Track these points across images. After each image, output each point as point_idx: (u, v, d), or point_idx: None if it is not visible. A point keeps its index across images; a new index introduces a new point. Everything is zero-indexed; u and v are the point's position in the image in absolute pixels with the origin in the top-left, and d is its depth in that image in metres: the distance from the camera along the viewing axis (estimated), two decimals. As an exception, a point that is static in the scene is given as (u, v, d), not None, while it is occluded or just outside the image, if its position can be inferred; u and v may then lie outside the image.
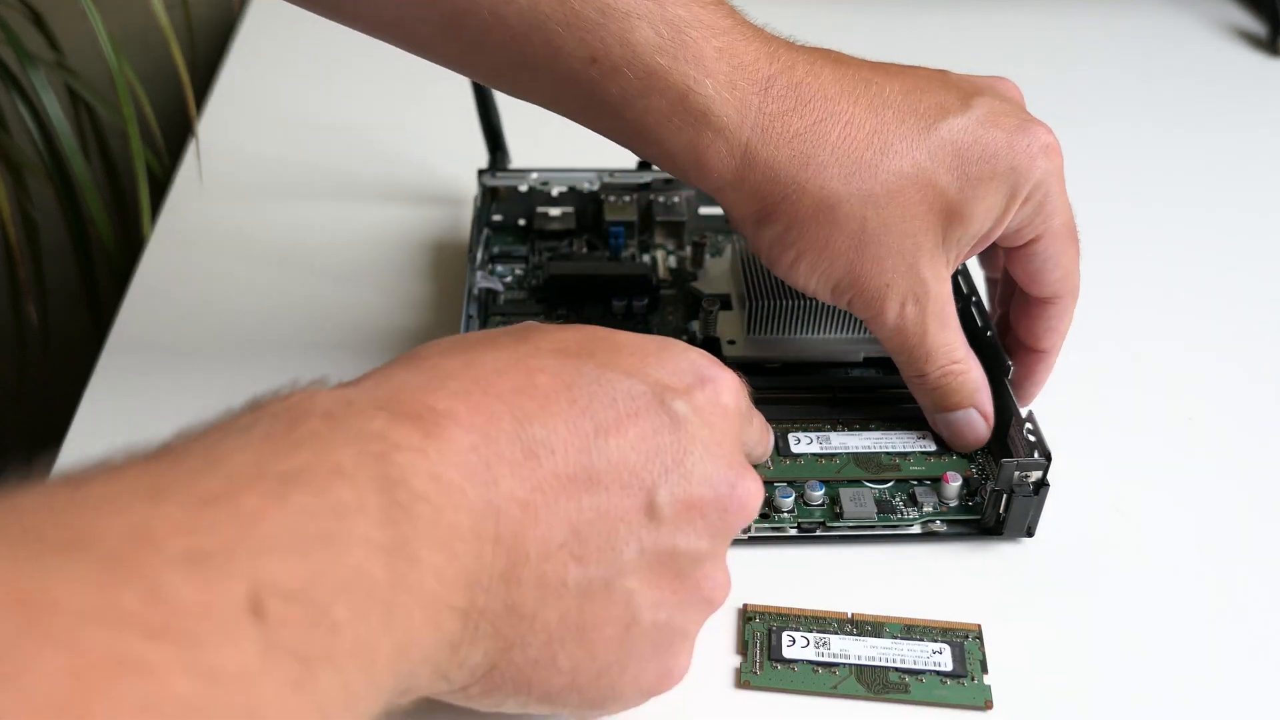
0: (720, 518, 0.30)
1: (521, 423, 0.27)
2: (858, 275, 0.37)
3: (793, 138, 0.36)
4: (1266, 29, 0.73)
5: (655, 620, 0.30)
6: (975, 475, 0.41)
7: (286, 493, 0.21)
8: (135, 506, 0.19)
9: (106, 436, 0.43)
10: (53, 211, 0.69)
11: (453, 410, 0.26)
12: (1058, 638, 0.37)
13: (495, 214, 0.51)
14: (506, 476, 0.27)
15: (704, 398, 0.31)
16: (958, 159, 0.37)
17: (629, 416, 0.29)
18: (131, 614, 0.17)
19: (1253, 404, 0.47)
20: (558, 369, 0.29)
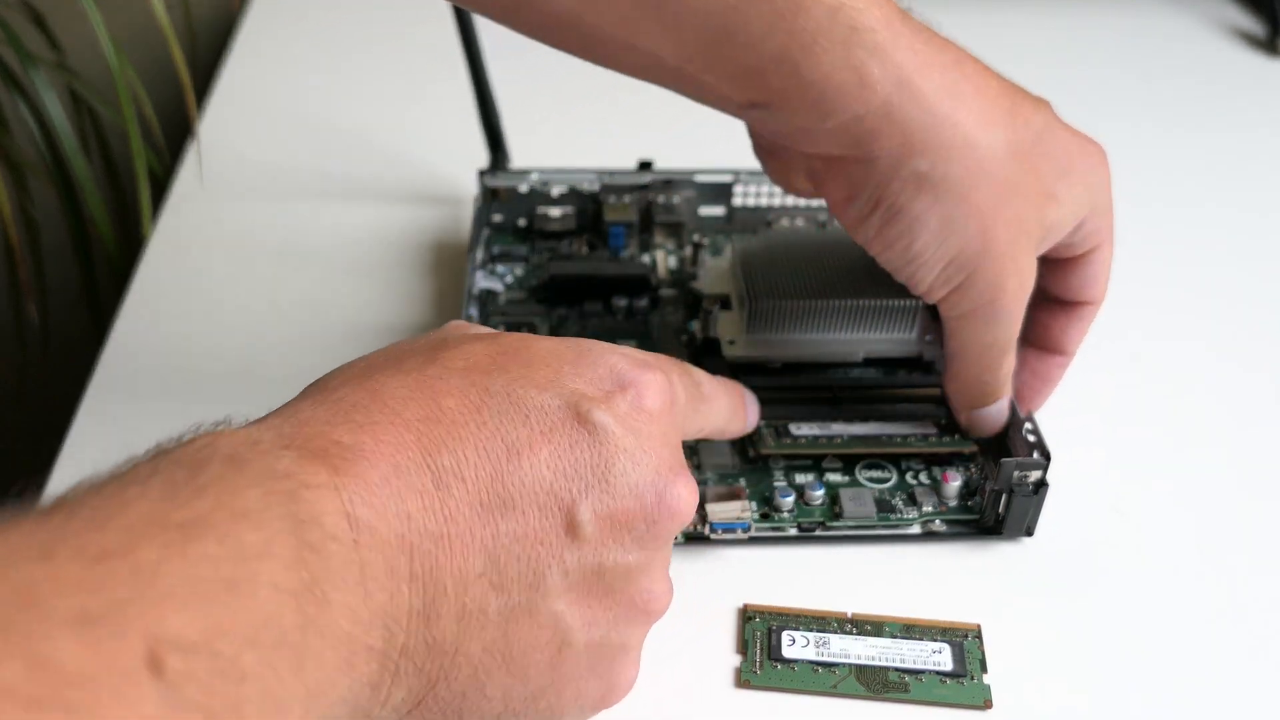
0: (649, 529, 0.29)
1: (429, 452, 0.27)
2: (988, 236, 0.35)
3: (943, 67, 0.34)
4: (1266, 29, 0.73)
5: (589, 640, 0.29)
6: (975, 475, 0.41)
7: (187, 541, 0.21)
8: (22, 566, 0.18)
9: (107, 437, 0.43)
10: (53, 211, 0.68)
11: (359, 444, 0.26)
12: (1057, 638, 0.37)
13: (495, 214, 0.51)
14: (418, 510, 0.26)
15: (625, 403, 0.29)
16: (1050, 145, 0.36)
17: (542, 434, 0.28)
18: (12, 688, 0.16)
19: (1253, 404, 0.47)
20: (465, 389, 0.28)
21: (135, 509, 0.21)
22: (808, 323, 0.44)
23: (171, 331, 0.48)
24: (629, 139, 0.51)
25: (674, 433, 0.31)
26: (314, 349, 0.47)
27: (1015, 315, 0.37)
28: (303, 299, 0.50)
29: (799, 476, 0.41)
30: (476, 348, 0.29)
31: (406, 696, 0.27)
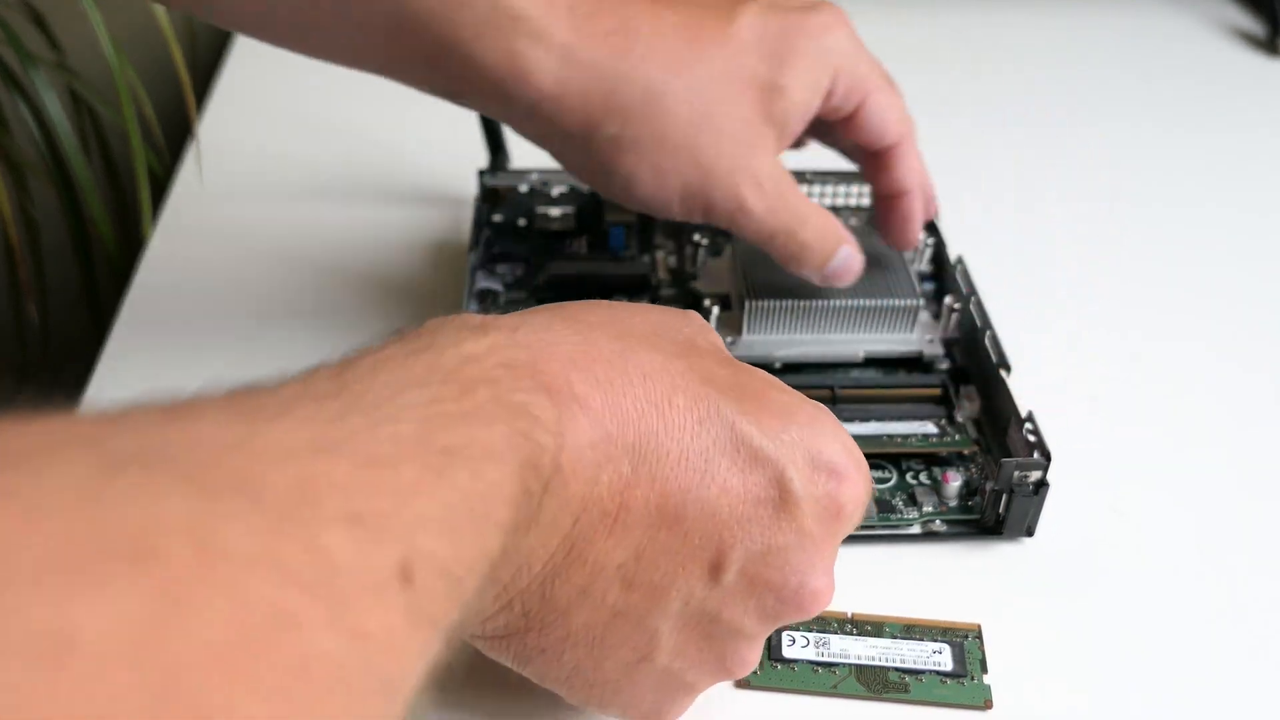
0: (776, 607, 0.30)
1: (643, 439, 0.27)
2: (703, 167, 0.37)
3: (607, 35, 0.36)
4: (1266, 29, 0.73)
5: (669, 666, 0.30)
6: (975, 475, 0.41)
7: (444, 469, 0.22)
8: (304, 459, 0.19)
9: (107, 436, 0.43)
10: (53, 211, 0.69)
11: (589, 399, 0.26)
12: (1058, 638, 0.37)
13: (495, 214, 0.51)
14: (606, 484, 0.27)
15: (824, 491, 0.29)
16: (761, 39, 0.38)
17: (740, 474, 0.28)
18: (291, 566, 0.17)
19: (1253, 404, 0.47)
20: (698, 399, 0.28)
21: (406, 422, 0.22)
22: (807, 323, 0.44)
23: (172, 332, 0.48)
24: (629, 139, 0.51)
25: (840, 538, 0.31)
26: (314, 348, 0.47)
27: (773, 208, 0.39)
28: (302, 299, 0.50)
29: (799, 476, 0.41)
30: (722, 372, 0.29)
31: (502, 628, 0.28)
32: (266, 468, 0.18)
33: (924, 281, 0.48)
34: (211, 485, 0.17)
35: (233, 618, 0.16)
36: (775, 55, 0.38)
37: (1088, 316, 0.51)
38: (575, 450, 0.26)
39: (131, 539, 0.15)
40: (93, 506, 0.15)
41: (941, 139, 0.63)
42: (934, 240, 0.49)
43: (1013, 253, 0.55)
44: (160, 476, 0.17)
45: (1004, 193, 0.59)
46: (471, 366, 0.24)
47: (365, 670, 0.18)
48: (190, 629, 0.15)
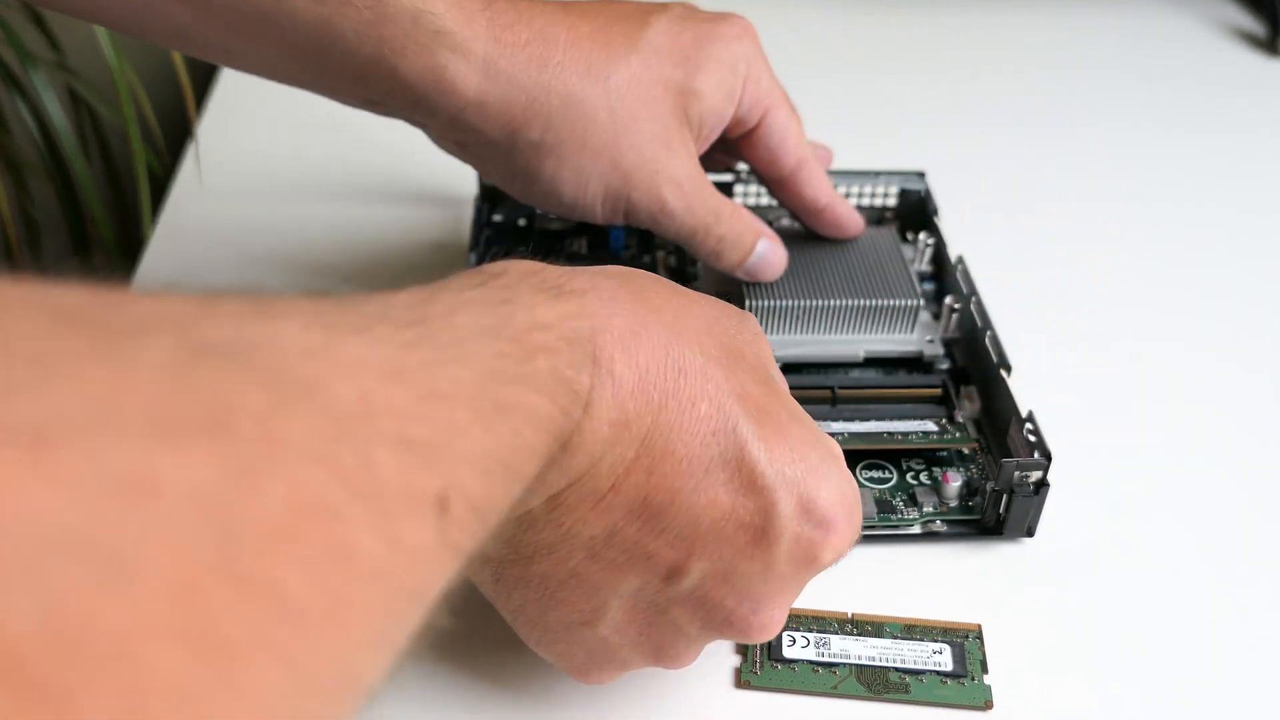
0: (723, 626, 0.30)
1: (656, 431, 0.28)
2: (624, 169, 0.39)
3: (525, 44, 0.37)
4: (1266, 29, 0.73)
5: (607, 638, 0.31)
6: (975, 475, 0.41)
7: (494, 421, 0.23)
8: (372, 378, 0.20)
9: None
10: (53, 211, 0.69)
11: (624, 379, 0.27)
12: (1058, 638, 0.37)
13: (495, 214, 0.51)
14: (607, 464, 0.28)
15: (808, 535, 0.30)
16: (674, 45, 0.40)
17: (730, 496, 0.29)
18: (344, 469, 0.18)
19: (1252, 404, 0.47)
20: (719, 410, 0.29)
21: (470, 368, 0.23)
22: (807, 323, 0.44)
23: (171, 331, 0.48)
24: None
25: (807, 582, 0.31)
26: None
27: (691, 207, 0.40)
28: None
29: (799, 476, 0.41)
30: (756, 391, 0.30)
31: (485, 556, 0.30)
32: (337, 378, 0.19)
33: (924, 281, 0.48)
34: (285, 384, 0.18)
35: (289, 498, 0.17)
36: (689, 60, 0.40)
37: (1088, 316, 0.51)
38: (594, 427, 0.27)
39: (210, 414, 0.16)
40: (179, 381, 0.17)
41: (942, 139, 0.63)
42: (934, 240, 0.49)
43: (1013, 253, 0.55)
44: (240, 369, 0.18)
45: (1004, 193, 0.59)
46: (539, 333, 0.26)
47: (398, 574, 0.19)
48: (252, 498, 0.16)
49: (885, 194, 0.51)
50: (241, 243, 0.54)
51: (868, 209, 0.52)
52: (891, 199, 0.52)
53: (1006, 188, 0.60)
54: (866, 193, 0.52)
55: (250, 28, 0.36)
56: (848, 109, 0.65)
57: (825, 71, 0.68)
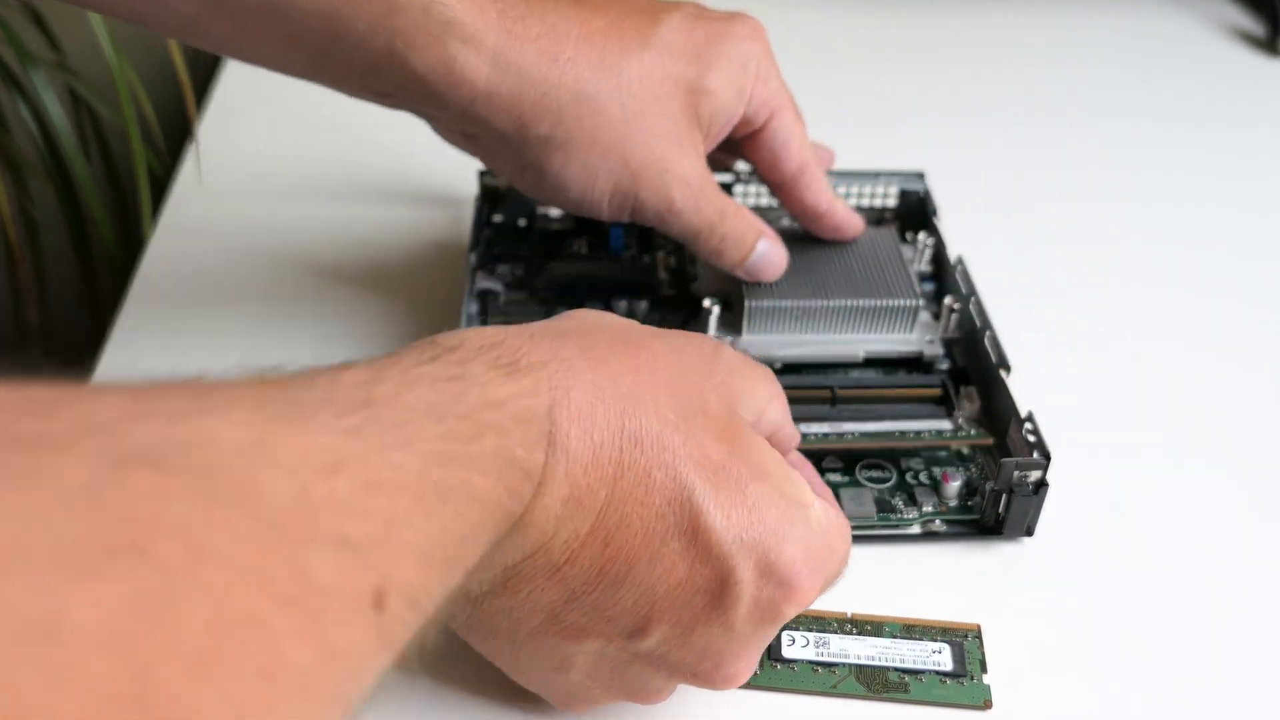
0: (689, 678, 0.31)
1: (610, 504, 0.28)
2: (633, 167, 0.38)
3: (537, 38, 0.37)
4: (1266, 29, 0.73)
5: (581, 682, 0.31)
6: (975, 475, 0.41)
7: (435, 507, 0.23)
8: (309, 473, 0.20)
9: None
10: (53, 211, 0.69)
11: (578, 455, 0.27)
12: (1057, 638, 0.37)
13: (495, 214, 0.51)
14: (562, 539, 0.28)
15: (769, 596, 0.29)
16: (687, 42, 0.39)
17: (690, 563, 0.29)
18: (274, 579, 0.18)
19: (1252, 404, 0.47)
20: (675, 480, 0.28)
21: (416, 448, 0.23)
22: (807, 323, 0.44)
23: (172, 331, 0.48)
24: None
25: (771, 637, 0.31)
26: (314, 348, 0.47)
27: (698, 206, 0.40)
28: (302, 299, 0.50)
29: (799, 476, 0.41)
30: (716, 451, 0.29)
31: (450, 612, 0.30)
32: (274, 475, 0.19)
33: (924, 281, 0.48)
34: (216, 488, 0.18)
35: (210, 619, 0.16)
36: (700, 58, 0.39)
37: (1088, 316, 0.51)
38: (546, 504, 0.27)
39: (129, 536, 0.16)
40: (97, 500, 0.16)
41: (942, 139, 0.63)
42: (934, 240, 0.49)
43: (1013, 253, 0.55)
44: (166, 477, 0.17)
45: (1004, 193, 0.59)
46: (490, 412, 0.25)
47: (327, 683, 0.19)
48: (167, 626, 0.16)
49: (885, 194, 0.51)
50: (241, 243, 0.54)
51: (868, 209, 0.52)
52: (891, 199, 0.52)
53: (1006, 188, 0.60)
54: (866, 193, 0.52)
55: (259, 20, 0.35)
56: (848, 109, 0.65)
57: (825, 71, 0.68)
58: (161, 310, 0.50)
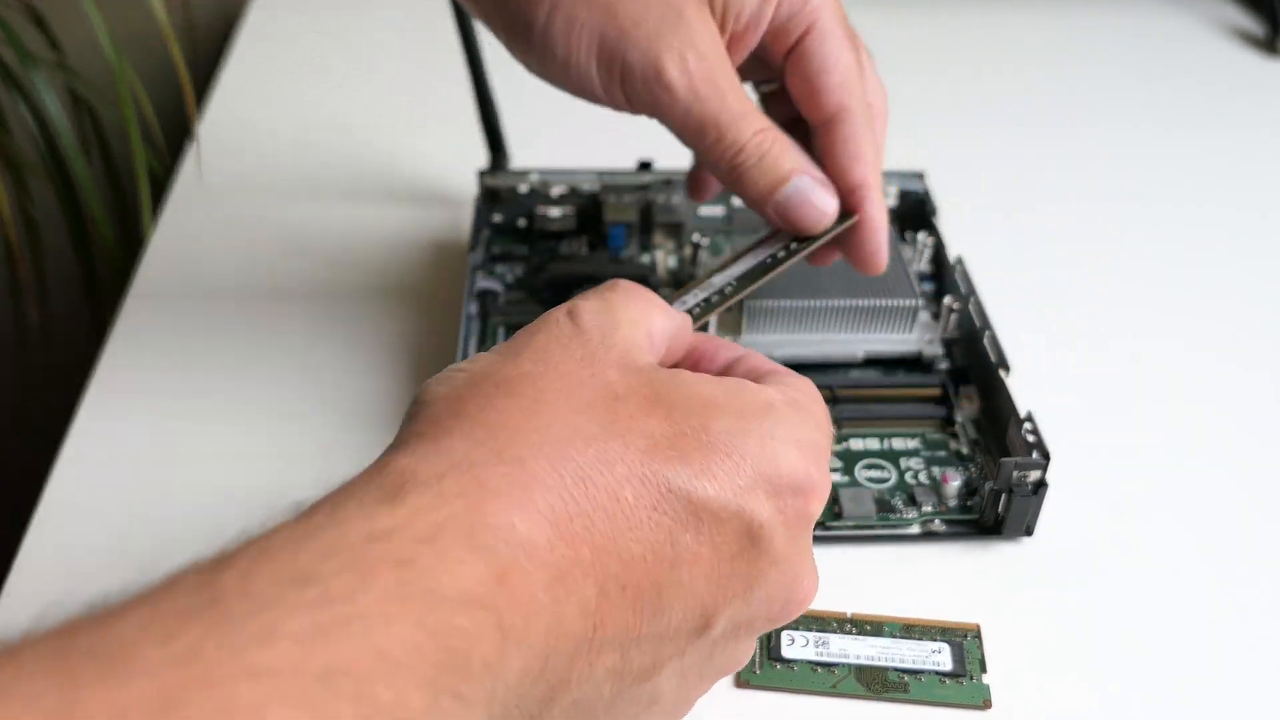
0: (770, 624, 0.29)
1: (600, 554, 0.25)
2: (621, 23, 0.34)
3: None
4: (1266, 29, 0.73)
5: (675, 701, 0.29)
6: (975, 475, 0.41)
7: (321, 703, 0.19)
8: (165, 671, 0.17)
9: (107, 436, 0.43)
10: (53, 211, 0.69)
11: (534, 538, 0.24)
12: (1057, 637, 0.37)
13: (495, 214, 0.51)
14: (573, 616, 0.24)
15: (794, 510, 0.28)
16: None
17: (710, 544, 0.26)
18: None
19: (1252, 404, 0.47)
20: (644, 481, 0.26)
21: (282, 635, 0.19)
22: (807, 323, 0.44)
23: (172, 331, 0.48)
24: (629, 139, 0.51)
25: (811, 532, 0.29)
26: (314, 348, 0.47)
27: (697, 90, 0.34)
28: (303, 299, 0.50)
29: (799, 476, 0.41)
30: (654, 424, 0.27)
31: None
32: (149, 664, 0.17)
33: (924, 281, 0.48)
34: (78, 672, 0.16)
35: None
36: None
37: (1088, 316, 0.51)
38: (527, 605, 0.23)
39: None
40: None
41: (942, 139, 0.63)
42: (933, 240, 0.49)
43: (1013, 253, 0.55)
44: None
45: (1004, 193, 0.59)
46: (379, 546, 0.21)
47: None
48: None
49: (885, 194, 0.51)
50: (241, 242, 0.54)
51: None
52: (891, 199, 0.52)
53: (1006, 188, 0.60)
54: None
55: None
56: (848, 109, 0.64)
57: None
58: (161, 310, 0.50)
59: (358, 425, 0.44)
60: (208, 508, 0.40)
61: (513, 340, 0.29)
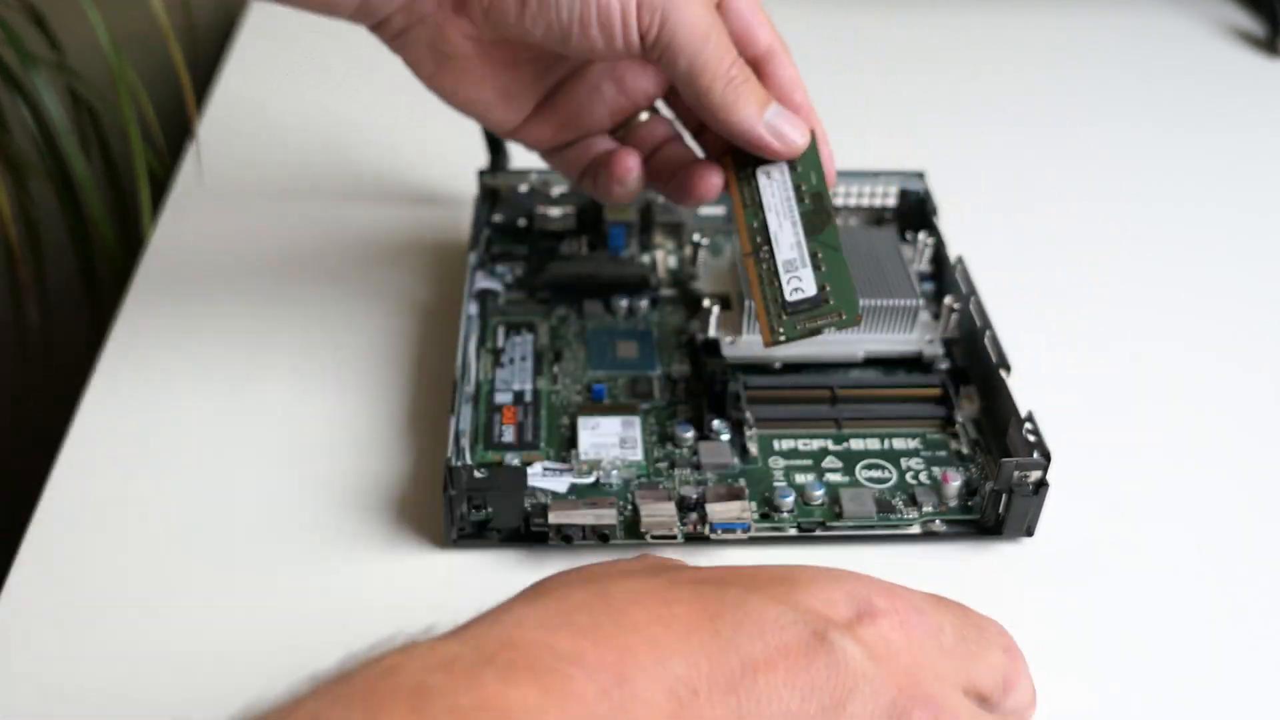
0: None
1: (661, 659, 0.24)
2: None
3: None
4: (1266, 29, 0.73)
5: None
6: (975, 475, 0.41)
7: None
8: None
9: (107, 436, 0.43)
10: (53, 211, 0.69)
11: (578, 652, 0.23)
12: (1057, 637, 0.37)
13: (495, 214, 0.51)
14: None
15: (868, 631, 0.27)
16: None
17: (779, 651, 0.26)
18: None
19: (1252, 404, 0.47)
20: (697, 597, 0.26)
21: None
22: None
23: (172, 332, 0.48)
24: (629, 139, 0.51)
25: (931, 672, 0.28)
26: (314, 348, 0.47)
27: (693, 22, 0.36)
28: (303, 299, 0.50)
29: (799, 476, 0.41)
30: (704, 569, 0.28)
31: None
32: None
33: (924, 281, 0.48)
34: None
35: None
36: None
37: (1088, 316, 0.51)
38: (581, 709, 0.23)
39: None
40: None
41: (942, 139, 0.63)
42: (934, 240, 0.49)
43: (1013, 253, 0.55)
44: None
45: (1004, 193, 0.59)
46: (388, 677, 0.21)
47: None
48: None
49: (885, 194, 0.51)
50: (241, 243, 0.54)
51: (868, 209, 0.52)
52: (891, 199, 0.52)
53: (1006, 188, 0.60)
54: (866, 193, 0.52)
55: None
56: (848, 109, 0.64)
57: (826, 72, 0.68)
58: (161, 310, 0.50)
59: (358, 423, 0.44)
60: (207, 508, 0.40)
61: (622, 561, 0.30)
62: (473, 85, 0.40)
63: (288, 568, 0.38)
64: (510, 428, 0.42)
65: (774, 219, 0.39)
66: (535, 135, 0.42)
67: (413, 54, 0.40)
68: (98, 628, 0.36)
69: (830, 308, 0.38)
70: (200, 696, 0.34)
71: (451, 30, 0.38)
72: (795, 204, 0.40)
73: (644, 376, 0.44)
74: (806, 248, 0.39)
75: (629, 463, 0.41)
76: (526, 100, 0.41)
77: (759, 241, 0.39)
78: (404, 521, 0.40)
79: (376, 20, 0.39)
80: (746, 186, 0.40)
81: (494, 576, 0.38)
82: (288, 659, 0.36)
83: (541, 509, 0.38)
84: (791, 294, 0.38)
